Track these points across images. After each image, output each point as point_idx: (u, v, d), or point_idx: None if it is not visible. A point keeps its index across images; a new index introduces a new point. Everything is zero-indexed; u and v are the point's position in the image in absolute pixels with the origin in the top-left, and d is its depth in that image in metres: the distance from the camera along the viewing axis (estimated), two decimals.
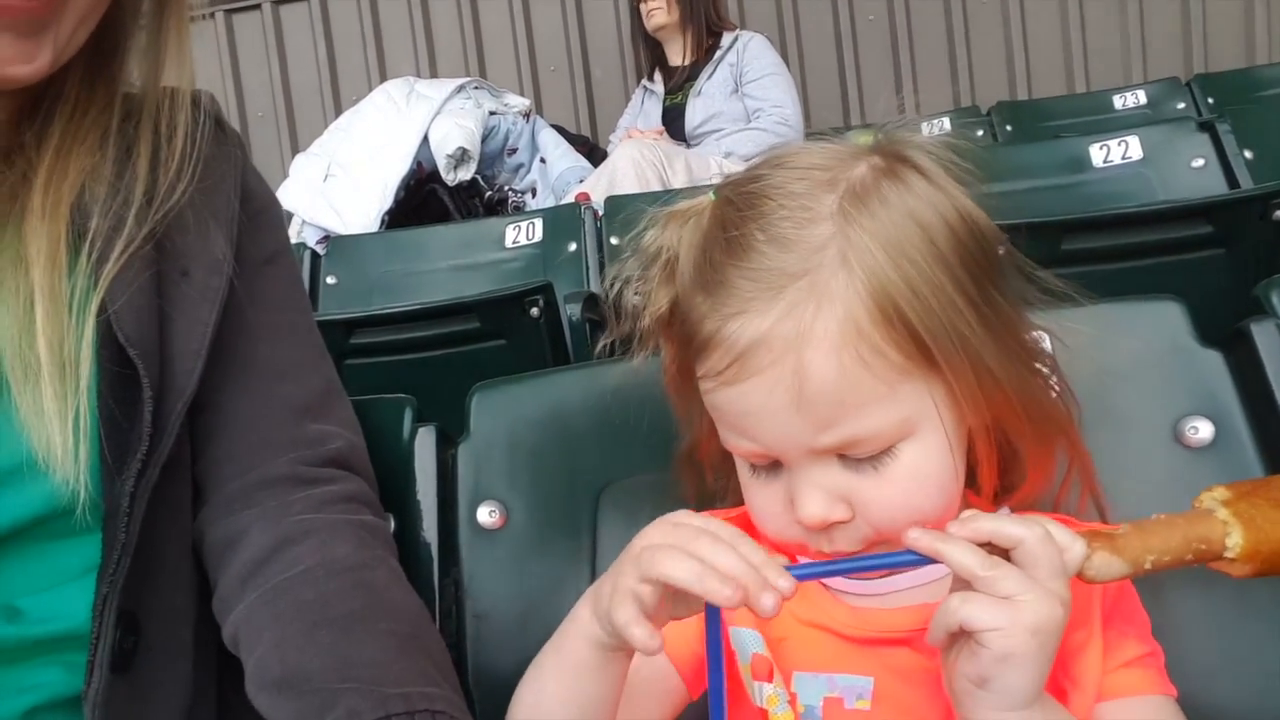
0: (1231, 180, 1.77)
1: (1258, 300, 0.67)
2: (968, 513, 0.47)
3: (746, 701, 0.56)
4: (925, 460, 0.49)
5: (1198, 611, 0.62)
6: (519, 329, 1.54)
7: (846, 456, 0.49)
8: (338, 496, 0.65)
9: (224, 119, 0.70)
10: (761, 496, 0.52)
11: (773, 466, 0.51)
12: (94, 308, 0.57)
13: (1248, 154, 1.75)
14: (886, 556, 0.47)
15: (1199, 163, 1.79)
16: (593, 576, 0.69)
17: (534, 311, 1.54)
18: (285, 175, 2.81)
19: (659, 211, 0.57)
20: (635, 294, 0.56)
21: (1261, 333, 0.64)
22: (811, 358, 0.47)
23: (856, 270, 0.47)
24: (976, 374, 0.49)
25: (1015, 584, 0.43)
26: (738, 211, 0.51)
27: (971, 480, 0.54)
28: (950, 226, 0.49)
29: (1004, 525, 0.45)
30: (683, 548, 0.46)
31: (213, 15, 3.58)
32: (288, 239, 0.74)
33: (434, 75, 3.46)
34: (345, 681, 0.52)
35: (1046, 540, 0.44)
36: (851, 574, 0.49)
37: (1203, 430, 0.64)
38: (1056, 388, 0.56)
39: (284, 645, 0.56)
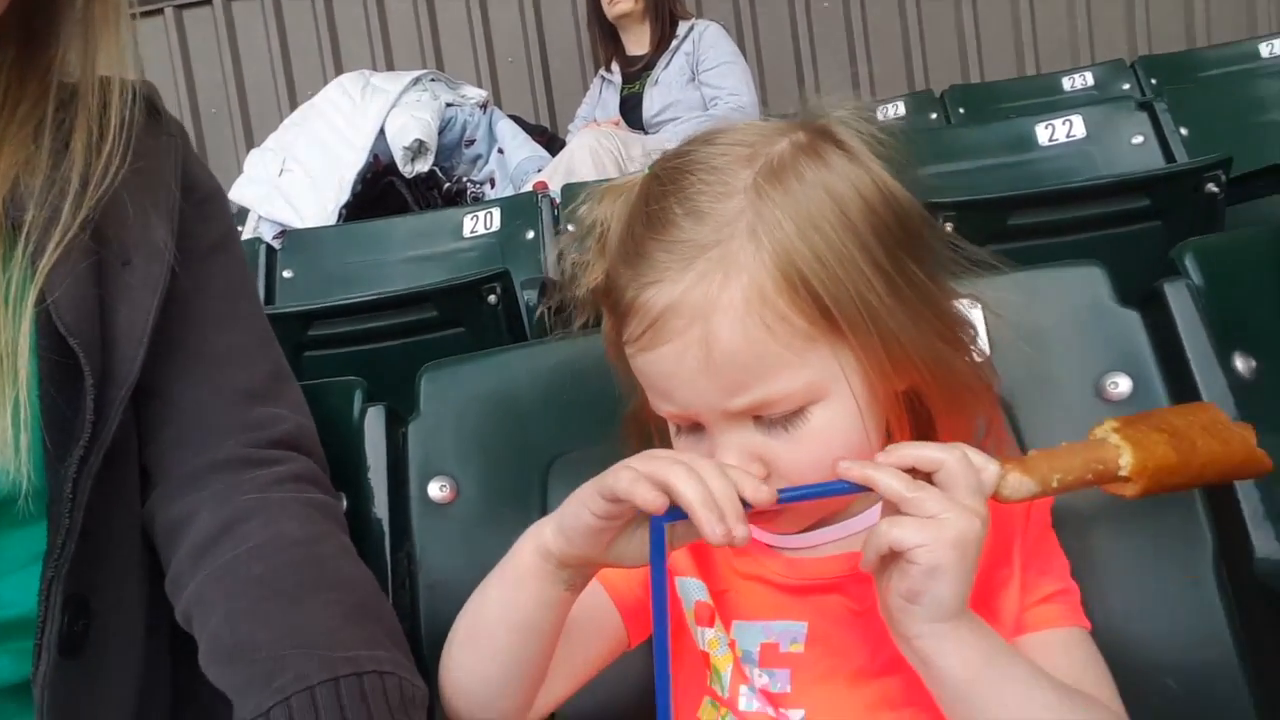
0: (1169, 156, 1.83)
1: (1173, 263, 0.70)
2: (893, 445, 0.49)
3: (690, 645, 0.58)
4: (835, 423, 0.51)
5: (1118, 555, 0.66)
6: (477, 316, 1.55)
7: (761, 418, 0.51)
8: (286, 476, 0.65)
9: (162, 106, 0.70)
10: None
11: (695, 428, 0.53)
12: (31, 299, 0.57)
13: (1184, 131, 1.81)
14: (822, 486, 0.50)
15: (1138, 140, 1.85)
16: None
17: (491, 299, 1.54)
18: (240, 171, 2.79)
19: (596, 187, 0.58)
20: (573, 265, 0.58)
21: (1174, 293, 0.68)
22: (718, 324, 0.49)
23: (764, 242, 0.49)
24: (884, 341, 0.50)
25: (937, 504, 0.46)
26: (660, 186, 0.53)
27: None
28: (866, 201, 0.51)
29: (925, 450, 0.48)
30: (691, 466, 0.47)
31: (162, 11, 3.52)
32: (233, 226, 0.75)
33: (390, 68, 3.44)
34: (294, 648, 0.53)
35: (964, 462, 0.48)
36: (794, 502, 0.50)
37: (1122, 385, 0.67)
38: (978, 358, 0.57)
39: (234, 618, 0.57)
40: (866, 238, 0.50)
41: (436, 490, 0.73)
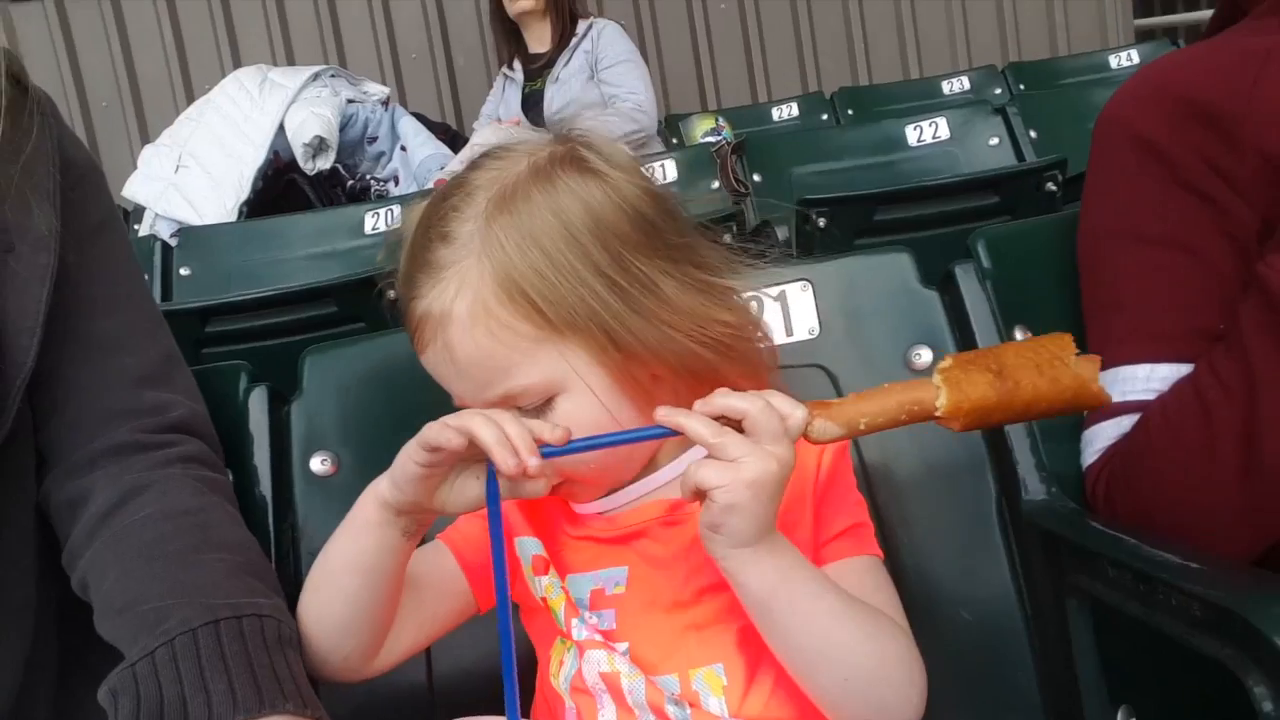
0: (1020, 157, 2.00)
1: (967, 248, 0.81)
2: (713, 394, 0.55)
3: (531, 597, 0.65)
4: (581, 410, 0.58)
5: (924, 509, 0.76)
6: (377, 312, 1.58)
7: (522, 409, 0.58)
8: (177, 457, 0.68)
9: (27, 79, 0.68)
10: None
11: None
12: None
13: (1033, 134, 1.99)
14: (639, 431, 0.57)
15: (995, 141, 2.02)
16: None
17: (391, 294, 1.57)
18: (135, 167, 2.72)
19: (411, 204, 0.65)
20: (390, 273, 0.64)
21: (964, 274, 0.79)
22: (452, 333, 0.57)
23: (486, 261, 0.57)
24: (611, 339, 0.57)
25: (738, 448, 0.52)
26: (429, 208, 0.61)
27: None
28: (594, 214, 0.57)
29: (732, 400, 0.54)
30: (490, 417, 0.55)
31: None
32: (113, 204, 0.75)
33: (290, 63, 3.40)
34: (179, 599, 0.58)
35: (767, 410, 0.53)
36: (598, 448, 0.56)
37: (924, 356, 0.78)
38: (742, 347, 0.62)
39: (124, 578, 0.61)
40: (590, 248, 0.57)
41: (318, 465, 0.78)
